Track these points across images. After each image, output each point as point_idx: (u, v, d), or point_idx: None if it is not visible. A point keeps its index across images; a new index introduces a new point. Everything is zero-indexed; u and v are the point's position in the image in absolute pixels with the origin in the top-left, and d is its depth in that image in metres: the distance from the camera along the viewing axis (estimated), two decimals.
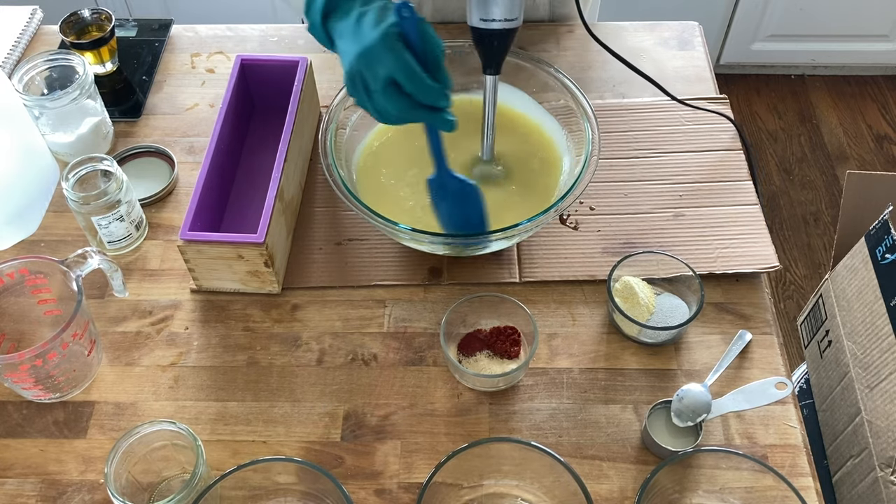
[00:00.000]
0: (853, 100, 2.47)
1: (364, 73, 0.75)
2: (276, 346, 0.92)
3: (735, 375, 0.89)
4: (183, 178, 1.08)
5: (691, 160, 1.07)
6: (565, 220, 1.01)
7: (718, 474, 0.79)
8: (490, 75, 0.89)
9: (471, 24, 0.85)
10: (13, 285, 0.87)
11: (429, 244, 0.90)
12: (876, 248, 1.12)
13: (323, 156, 0.92)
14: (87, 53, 1.14)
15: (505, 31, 0.84)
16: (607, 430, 0.86)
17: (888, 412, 1.06)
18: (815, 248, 2.14)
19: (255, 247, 0.89)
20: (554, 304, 0.95)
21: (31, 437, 0.86)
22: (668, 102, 1.12)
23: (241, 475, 0.75)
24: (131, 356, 0.92)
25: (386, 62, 0.73)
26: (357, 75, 0.75)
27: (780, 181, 2.28)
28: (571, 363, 0.90)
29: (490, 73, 0.89)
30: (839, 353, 1.20)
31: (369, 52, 0.73)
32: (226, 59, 1.22)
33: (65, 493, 0.82)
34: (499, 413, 0.87)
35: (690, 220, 1.01)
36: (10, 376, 0.82)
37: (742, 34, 2.37)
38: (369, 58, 0.73)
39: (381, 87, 0.74)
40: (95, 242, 0.99)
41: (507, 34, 0.85)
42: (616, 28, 1.24)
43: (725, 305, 0.94)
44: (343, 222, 1.02)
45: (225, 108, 1.00)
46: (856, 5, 2.27)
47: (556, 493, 0.78)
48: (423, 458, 0.84)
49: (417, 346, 0.92)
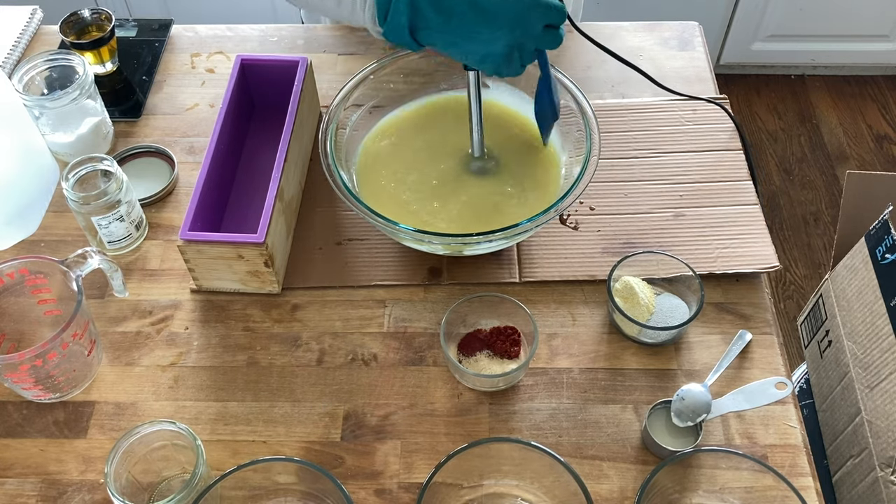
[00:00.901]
0: (853, 100, 2.47)
1: (522, 40, 0.76)
2: (276, 346, 0.92)
3: (735, 375, 0.89)
4: (183, 178, 1.08)
5: (691, 160, 1.07)
6: (565, 220, 1.01)
7: (718, 474, 0.79)
8: (472, 71, 0.89)
9: None
10: (13, 285, 0.87)
11: (429, 244, 0.90)
12: (876, 248, 1.12)
13: (323, 156, 0.92)
14: (87, 53, 1.14)
15: None
16: (607, 430, 0.86)
17: (888, 412, 1.06)
18: (815, 248, 2.14)
19: (255, 247, 0.89)
20: (554, 304, 0.95)
21: (31, 437, 0.86)
22: (668, 102, 1.12)
23: (241, 475, 0.75)
24: (131, 356, 0.92)
25: (538, 14, 0.75)
26: (515, 49, 0.77)
27: (780, 181, 2.28)
28: (571, 363, 0.90)
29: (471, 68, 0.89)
30: (839, 353, 1.20)
31: (522, 19, 0.74)
32: (226, 59, 1.22)
33: (65, 493, 0.82)
34: (499, 413, 0.87)
35: (690, 220, 1.01)
36: (10, 376, 0.82)
37: (742, 34, 2.37)
38: (524, 24, 0.75)
39: (540, 37, 0.77)
40: (95, 242, 0.99)
41: None
42: (616, 28, 1.24)
43: (725, 305, 0.94)
44: (343, 222, 1.02)
45: (225, 108, 1.00)
46: (856, 5, 2.27)
47: (556, 493, 0.78)
48: (423, 458, 0.84)
49: (417, 346, 0.92)
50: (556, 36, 0.80)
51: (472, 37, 0.76)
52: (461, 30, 0.75)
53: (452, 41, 0.77)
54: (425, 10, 0.74)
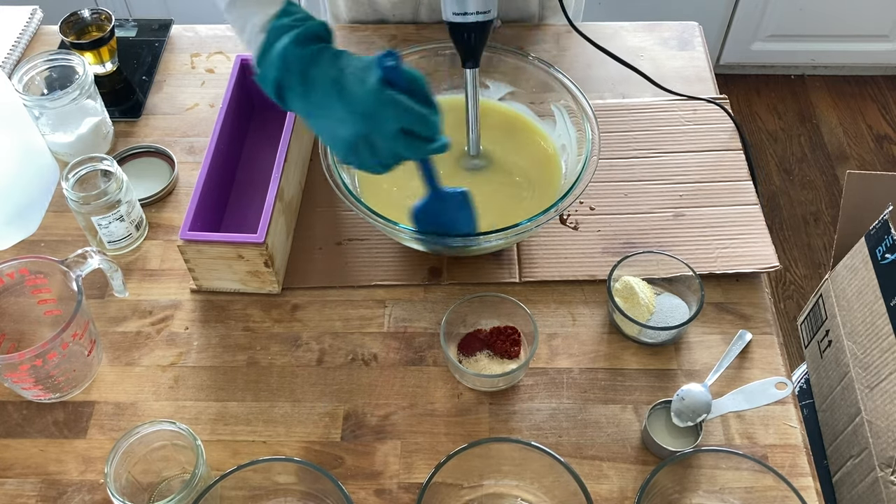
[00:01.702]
0: (853, 100, 2.47)
1: (371, 135, 0.73)
2: (276, 346, 0.92)
3: (735, 375, 0.89)
4: (183, 178, 1.08)
5: (691, 160, 1.07)
6: (565, 220, 1.02)
7: (718, 474, 0.79)
8: (469, 69, 0.89)
9: (445, 19, 0.86)
10: (13, 285, 0.87)
11: (429, 244, 0.90)
12: (876, 248, 1.12)
13: (323, 156, 0.92)
14: (87, 53, 1.14)
15: (479, 24, 0.85)
16: (607, 430, 0.86)
17: (888, 412, 1.06)
18: (815, 248, 2.14)
19: (255, 247, 0.89)
20: (554, 304, 0.95)
21: (31, 437, 0.86)
22: (668, 102, 1.12)
23: (241, 475, 0.75)
24: (131, 356, 0.92)
25: (394, 116, 0.72)
26: (361, 140, 0.73)
27: (780, 181, 2.28)
28: (571, 363, 0.90)
29: (469, 66, 0.89)
30: (839, 353, 1.20)
31: (374, 114, 0.72)
32: (226, 59, 1.22)
33: (65, 493, 0.82)
34: (499, 413, 0.87)
35: (690, 220, 1.01)
36: (10, 376, 0.82)
37: (742, 34, 2.37)
38: (375, 119, 0.72)
39: (395, 140, 0.73)
40: (95, 242, 0.99)
41: (481, 27, 0.85)
42: (616, 28, 1.24)
43: (725, 305, 0.94)
44: (343, 222, 1.02)
45: (225, 108, 1.00)
46: (856, 5, 2.27)
47: (556, 493, 0.78)
48: (423, 458, 0.84)
49: (417, 346, 0.92)
50: (415, 146, 0.74)
51: (327, 114, 0.74)
52: (318, 104, 0.74)
53: (309, 112, 0.75)
54: (293, 74, 0.73)
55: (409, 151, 0.75)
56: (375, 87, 0.71)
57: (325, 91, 0.73)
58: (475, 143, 0.97)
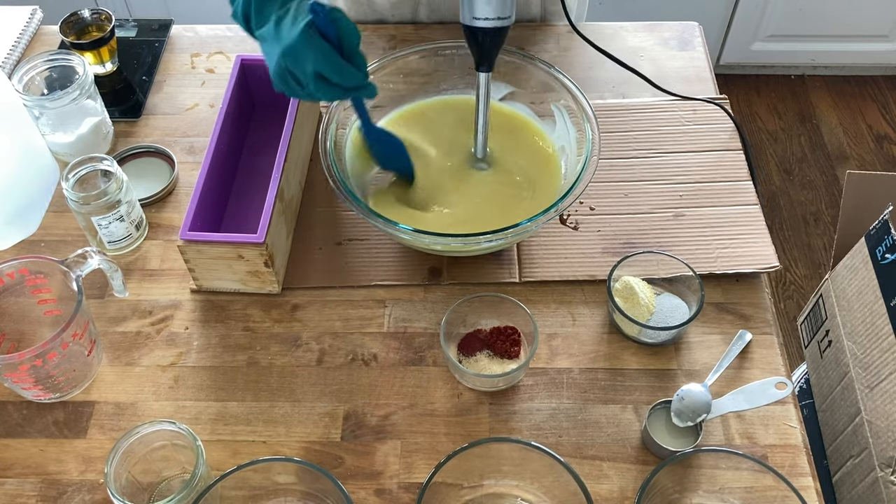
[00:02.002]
0: (853, 100, 2.47)
1: (292, 70, 0.79)
2: (276, 346, 0.92)
3: (735, 375, 0.89)
4: (183, 178, 1.08)
5: (691, 160, 1.07)
6: (565, 220, 1.01)
7: (718, 474, 0.79)
8: (483, 72, 0.89)
9: (463, 23, 0.85)
10: (13, 285, 0.87)
11: (429, 244, 0.90)
12: (876, 248, 1.12)
13: (323, 156, 0.92)
14: (87, 53, 1.14)
15: (497, 29, 0.85)
16: (607, 430, 0.86)
17: (888, 412, 1.06)
18: (815, 248, 2.14)
19: (255, 247, 0.89)
20: (554, 304, 0.95)
21: (31, 437, 0.86)
22: (668, 102, 1.12)
23: (241, 475, 0.75)
24: (131, 356, 0.92)
25: (309, 58, 0.77)
26: (285, 72, 0.79)
27: (780, 181, 2.28)
28: (571, 363, 0.90)
29: (483, 70, 0.89)
30: (839, 353, 1.20)
31: (292, 50, 0.77)
32: (226, 59, 1.22)
33: (65, 493, 0.82)
34: (499, 413, 0.87)
35: (690, 220, 1.01)
36: (10, 376, 0.82)
37: (742, 34, 2.37)
38: (294, 56, 0.78)
39: (312, 81, 0.78)
40: (95, 242, 0.99)
41: (499, 32, 0.85)
42: (616, 28, 1.24)
43: (725, 305, 0.94)
44: (343, 222, 1.02)
45: (225, 108, 1.00)
46: (856, 5, 2.27)
47: (556, 493, 0.78)
48: (423, 458, 0.84)
49: (417, 346, 0.92)
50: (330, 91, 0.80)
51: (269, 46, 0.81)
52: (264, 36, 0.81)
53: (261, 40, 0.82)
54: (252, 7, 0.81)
55: (323, 94, 0.80)
56: (301, 29, 0.77)
57: (269, 24, 0.80)
58: (482, 145, 0.97)
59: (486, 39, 0.86)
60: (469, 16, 0.84)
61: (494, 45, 0.87)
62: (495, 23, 0.84)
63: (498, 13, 0.83)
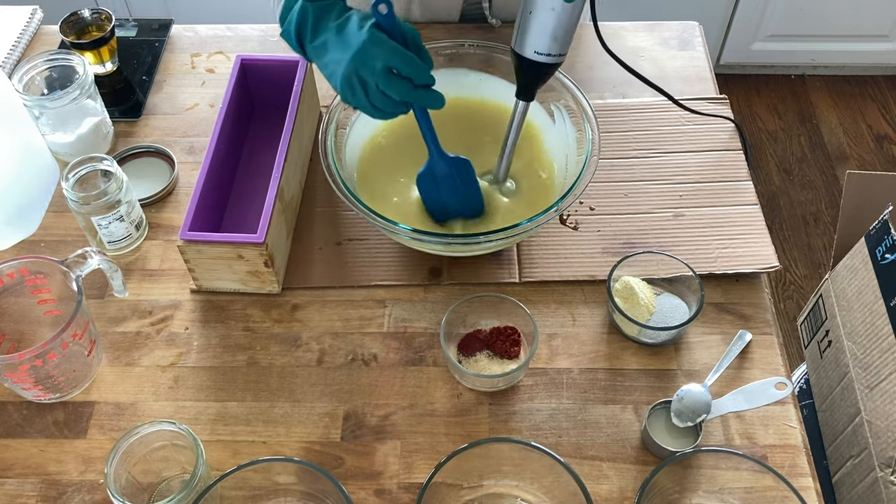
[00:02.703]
0: (853, 100, 2.47)
1: (361, 72, 0.79)
2: (276, 346, 0.92)
3: (735, 375, 0.89)
4: (183, 178, 1.08)
5: (691, 160, 1.07)
6: (565, 220, 1.02)
7: (718, 474, 0.79)
8: (523, 101, 0.89)
9: (521, 53, 0.85)
10: (13, 285, 0.87)
11: (429, 244, 0.90)
12: (876, 248, 1.12)
13: (323, 156, 0.92)
14: (87, 53, 1.14)
15: (553, 65, 0.85)
16: (607, 430, 0.86)
17: (888, 412, 1.06)
18: (815, 248, 2.14)
19: (255, 247, 0.89)
20: (554, 304, 0.95)
21: (31, 437, 0.86)
22: (668, 102, 1.12)
23: (241, 475, 0.75)
24: (131, 356, 0.92)
25: (381, 54, 0.78)
26: (354, 76, 0.80)
27: (780, 181, 2.28)
28: (571, 363, 0.90)
29: (524, 98, 0.89)
30: (839, 353, 1.20)
31: (363, 51, 0.78)
32: (226, 59, 1.22)
33: (65, 493, 0.82)
34: (499, 413, 0.87)
35: (690, 220, 1.01)
36: (10, 376, 0.82)
37: (742, 34, 2.37)
38: (364, 56, 0.78)
39: (382, 78, 0.79)
40: (95, 242, 0.99)
41: (553, 67, 0.86)
42: (616, 28, 1.24)
43: (725, 305, 0.94)
44: (343, 222, 1.02)
45: (225, 108, 1.00)
46: (856, 5, 2.27)
47: (555, 493, 0.78)
48: (423, 459, 0.84)
49: (417, 346, 0.92)
50: (401, 85, 0.79)
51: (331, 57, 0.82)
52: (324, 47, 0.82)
53: (319, 55, 0.83)
54: (307, 25, 0.83)
55: (394, 90, 0.80)
56: (367, 29, 0.79)
57: (329, 36, 0.82)
58: (505, 170, 0.96)
59: (539, 73, 0.86)
60: (529, 48, 0.84)
61: (542, 79, 0.87)
62: (555, 59, 0.84)
63: (560, 50, 0.84)
